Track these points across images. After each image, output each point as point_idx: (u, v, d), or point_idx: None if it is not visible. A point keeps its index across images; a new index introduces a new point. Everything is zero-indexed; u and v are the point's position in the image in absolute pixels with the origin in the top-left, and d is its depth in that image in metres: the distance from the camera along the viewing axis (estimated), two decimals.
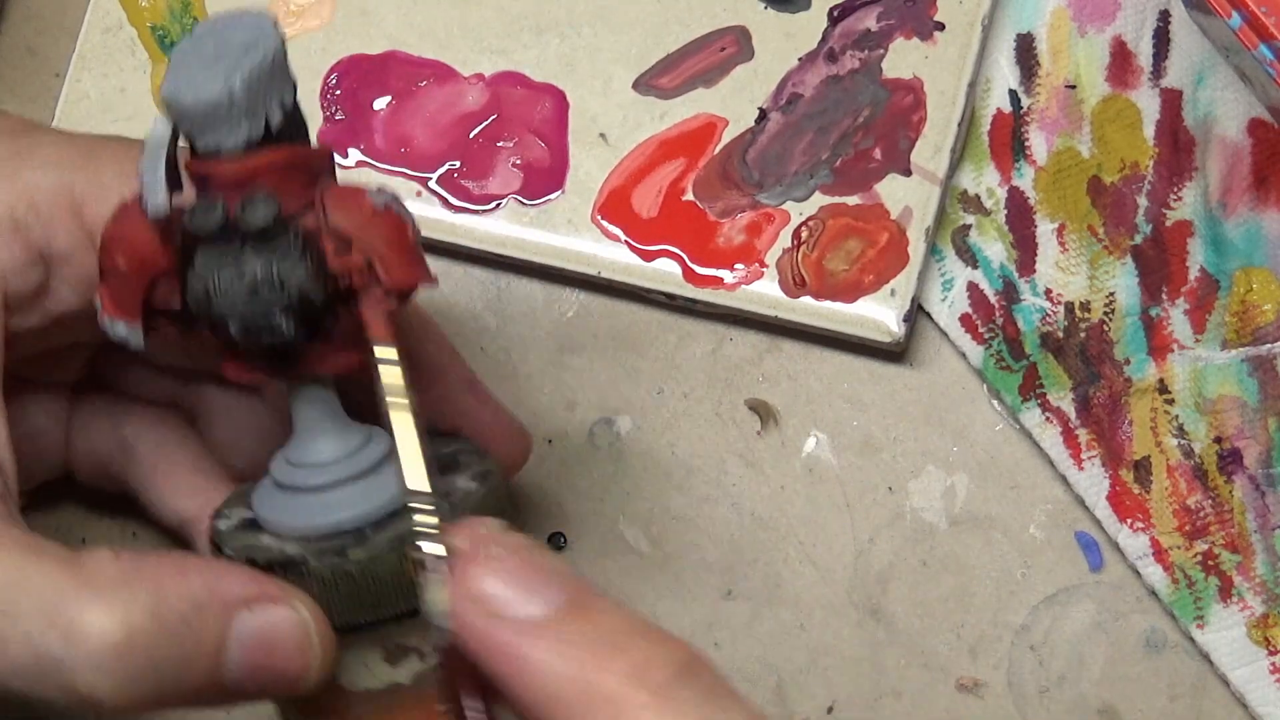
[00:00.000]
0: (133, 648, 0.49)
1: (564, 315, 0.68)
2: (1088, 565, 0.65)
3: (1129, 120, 0.67)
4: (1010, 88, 0.67)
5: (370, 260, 0.50)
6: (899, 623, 0.66)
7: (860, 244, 0.66)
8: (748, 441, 0.67)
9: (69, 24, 0.71)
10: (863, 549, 0.66)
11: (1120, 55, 0.67)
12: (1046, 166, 0.67)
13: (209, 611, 0.50)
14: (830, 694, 0.66)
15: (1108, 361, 0.66)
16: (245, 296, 0.50)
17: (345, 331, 0.52)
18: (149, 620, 0.49)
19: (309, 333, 0.51)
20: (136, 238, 0.51)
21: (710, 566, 0.66)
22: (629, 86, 0.68)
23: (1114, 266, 0.66)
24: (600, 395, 0.67)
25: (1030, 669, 0.65)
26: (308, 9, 0.69)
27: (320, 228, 0.50)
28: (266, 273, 0.50)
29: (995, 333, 0.66)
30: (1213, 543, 0.64)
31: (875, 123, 0.67)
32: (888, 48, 0.67)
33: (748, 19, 0.68)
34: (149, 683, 0.49)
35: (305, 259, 0.50)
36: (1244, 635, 0.64)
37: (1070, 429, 0.65)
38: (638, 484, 0.67)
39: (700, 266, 0.66)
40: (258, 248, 0.50)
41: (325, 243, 0.50)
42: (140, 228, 0.51)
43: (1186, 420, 0.65)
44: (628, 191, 0.67)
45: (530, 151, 0.68)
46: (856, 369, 0.67)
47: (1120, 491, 0.65)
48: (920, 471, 0.66)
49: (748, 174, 0.67)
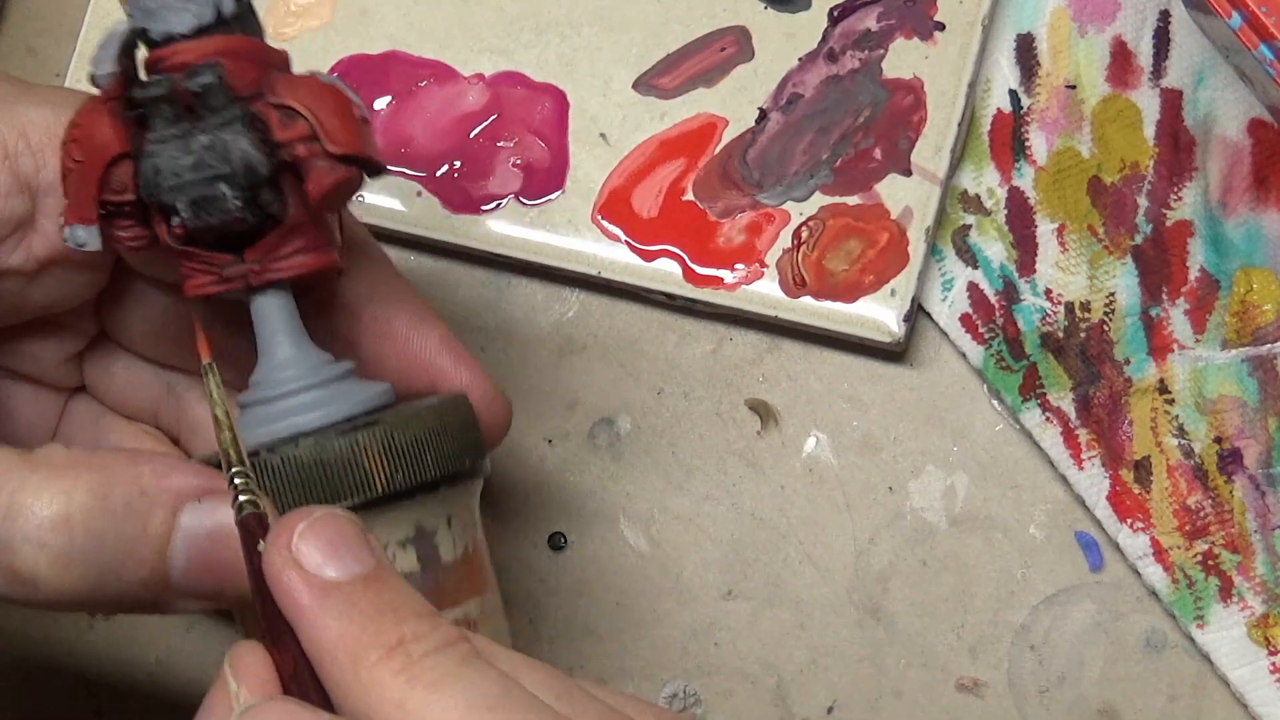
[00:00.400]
0: (72, 524, 0.49)
1: (564, 315, 0.68)
2: (1088, 565, 0.65)
3: (1129, 120, 0.67)
4: (1010, 88, 0.67)
5: (314, 128, 0.51)
6: (899, 623, 0.66)
7: (860, 244, 0.66)
8: (748, 441, 0.67)
9: (69, 24, 0.71)
10: (863, 549, 0.66)
11: (1120, 55, 0.67)
12: (1046, 166, 0.67)
13: (156, 499, 0.50)
14: (830, 694, 0.66)
15: (1108, 361, 0.66)
16: (190, 170, 0.51)
17: (299, 227, 0.52)
18: (92, 499, 0.49)
19: (259, 213, 0.52)
20: (93, 125, 0.52)
21: (710, 566, 0.66)
22: (629, 86, 0.68)
23: (1114, 266, 0.66)
24: (600, 395, 0.67)
25: (1030, 669, 0.65)
26: (308, 9, 0.69)
27: (266, 107, 0.52)
28: (210, 142, 0.51)
29: (995, 333, 0.66)
30: (1213, 543, 0.64)
31: (875, 123, 0.67)
32: (888, 48, 0.67)
33: (748, 19, 0.68)
34: (90, 566, 0.49)
35: (249, 130, 0.51)
36: (1244, 635, 0.64)
37: (1070, 429, 0.65)
38: (638, 484, 0.67)
39: (700, 266, 0.66)
40: (204, 126, 0.51)
41: (270, 115, 0.52)
42: (98, 117, 0.52)
43: (1186, 420, 0.65)
44: (628, 191, 0.67)
45: (530, 151, 0.68)
46: (856, 369, 0.67)
47: (1120, 491, 0.65)
48: (920, 471, 0.66)
49: (748, 174, 0.67)
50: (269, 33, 0.69)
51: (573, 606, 0.67)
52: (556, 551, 0.67)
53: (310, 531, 0.47)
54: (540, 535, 0.67)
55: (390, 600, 0.46)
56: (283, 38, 0.69)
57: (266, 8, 0.69)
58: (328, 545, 0.46)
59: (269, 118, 0.52)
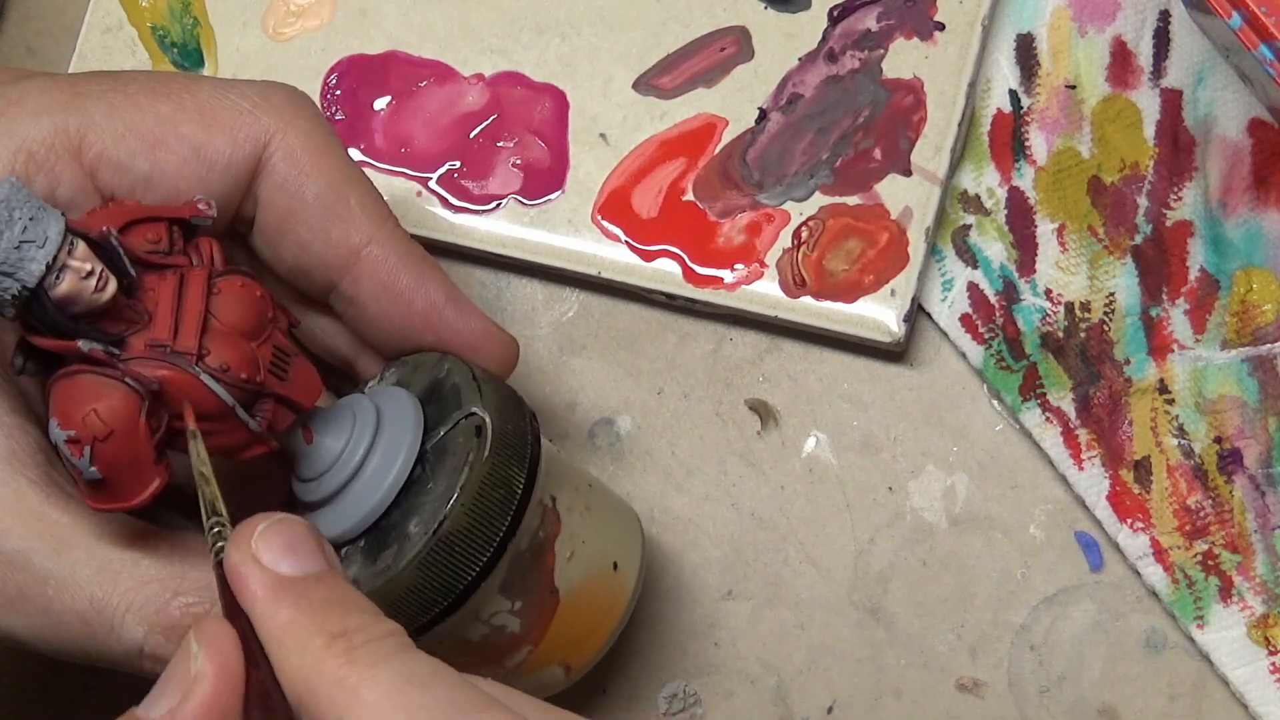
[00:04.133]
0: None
1: (564, 315, 0.68)
2: (1088, 565, 0.65)
3: (1129, 120, 0.67)
4: (1010, 88, 0.67)
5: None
6: (899, 623, 0.66)
7: (860, 244, 0.66)
8: (748, 441, 0.67)
9: (69, 24, 0.71)
10: (863, 549, 0.66)
11: (1120, 55, 0.67)
12: (1046, 166, 0.67)
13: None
14: (830, 694, 0.66)
15: (1108, 361, 0.66)
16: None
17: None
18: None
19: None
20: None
21: (710, 566, 0.66)
22: (629, 86, 0.68)
23: (1114, 266, 0.66)
24: (600, 395, 0.67)
25: (1030, 669, 0.65)
26: (308, 9, 0.69)
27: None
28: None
29: (995, 333, 0.66)
30: (1213, 543, 0.64)
31: (875, 123, 0.67)
32: (888, 48, 0.67)
33: (748, 19, 0.68)
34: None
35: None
36: (1244, 635, 0.64)
37: (1070, 429, 0.65)
38: (638, 484, 0.67)
39: (700, 266, 0.66)
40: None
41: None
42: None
43: (1186, 420, 0.65)
44: (628, 191, 0.67)
45: (530, 151, 0.68)
46: (856, 369, 0.67)
47: (1120, 491, 0.65)
48: (920, 471, 0.66)
49: (748, 174, 0.67)
50: (269, 33, 0.69)
51: None
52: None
53: (270, 532, 0.49)
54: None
55: (338, 596, 0.49)
56: (282, 38, 0.69)
57: (266, 7, 0.69)
58: (284, 544, 0.49)
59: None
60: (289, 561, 0.49)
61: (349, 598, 0.49)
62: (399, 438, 0.56)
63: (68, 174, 0.55)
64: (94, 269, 0.51)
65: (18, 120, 0.55)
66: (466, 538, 0.54)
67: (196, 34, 0.69)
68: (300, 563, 0.49)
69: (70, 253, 0.51)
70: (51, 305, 0.51)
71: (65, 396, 0.51)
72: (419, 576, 0.54)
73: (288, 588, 0.48)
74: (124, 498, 0.52)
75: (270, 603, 0.48)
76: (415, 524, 0.54)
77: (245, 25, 0.69)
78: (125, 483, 0.52)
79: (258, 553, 0.49)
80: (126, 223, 0.53)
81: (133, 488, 0.52)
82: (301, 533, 0.50)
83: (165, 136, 0.56)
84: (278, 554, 0.49)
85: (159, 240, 0.53)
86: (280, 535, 0.49)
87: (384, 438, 0.56)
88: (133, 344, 0.52)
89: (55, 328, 0.51)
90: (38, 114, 0.55)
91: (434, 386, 0.57)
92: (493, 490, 0.55)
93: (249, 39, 0.69)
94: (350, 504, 0.55)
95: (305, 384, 0.55)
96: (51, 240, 0.50)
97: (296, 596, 0.48)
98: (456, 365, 0.58)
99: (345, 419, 0.56)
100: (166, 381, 0.52)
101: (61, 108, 0.55)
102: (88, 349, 0.51)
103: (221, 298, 0.53)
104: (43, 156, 0.55)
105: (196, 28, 0.69)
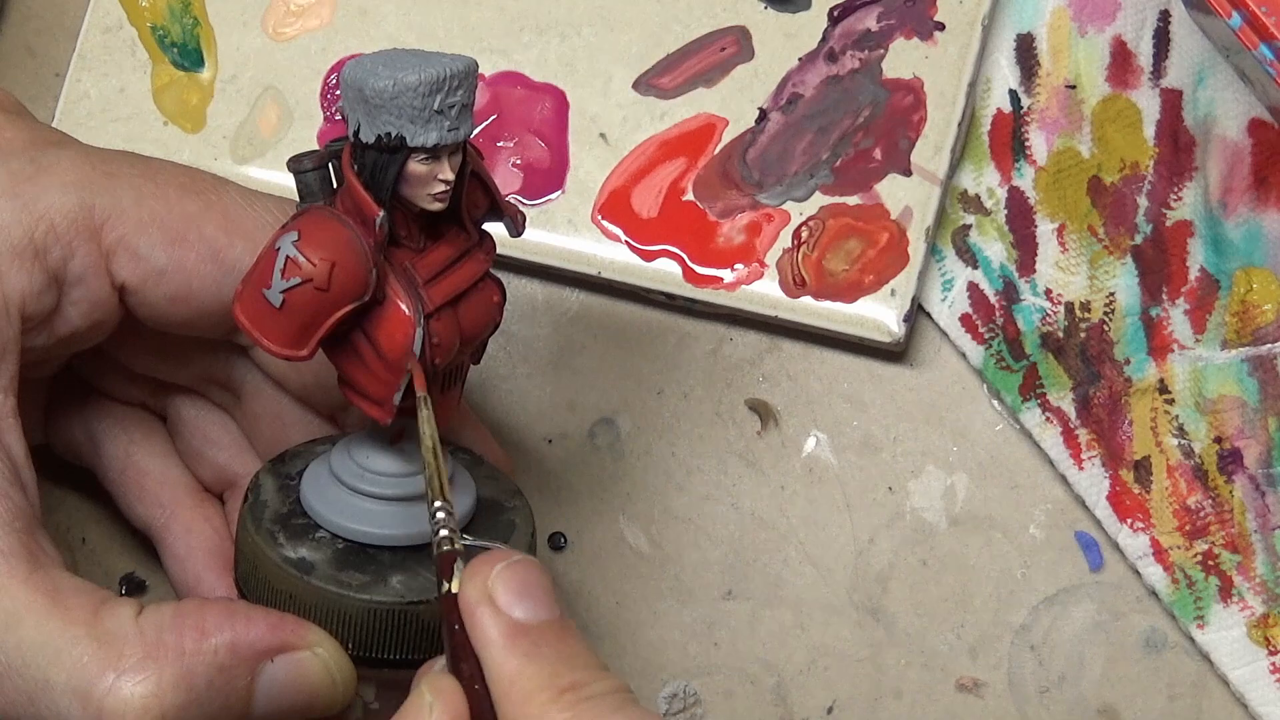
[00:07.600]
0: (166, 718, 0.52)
1: (564, 315, 0.68)
2: (1088, 565, 0.65)
3: (1129, 120, 0.67)
4: (1010, 88, 0.67)
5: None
6: (899, 623, 0.66)
7: (860, 244, 0.66)
8: (748, 441, 0.67)
9: (69, 24, 0.71)
10: (863, 549, 0.66)
11: (1120, 55, 0.67)
12: (1046, 166, 0.67)
13: (235, 671, 0.53)
14: (830, 694, 0.66)
15: (1108, 361, 0.66)
16: None
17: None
18: (179, 693, 0.52)
19: None
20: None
21: (710, 566, 0.66)
22: (629, 86, 0.68)
23: (1114, 266, 0.66)
24: (600, 395, 0.67)
25: (1030, 669, 0.65)
26: (308, 9, 0.69)
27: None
28: None
29: (995, 333, 0.66)
30: (1213, 543, 0.64)
31: (875, 123, 0.67)
32: (888, 48, 0.67)
33: (748, 19, 0.68)
34: None
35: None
36: (1244, 635, 0.64)
37: (1070, 429, 0.65)
38: (638, 484, 0.67)
39: (700, 266, 0.66)
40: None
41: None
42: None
43: (1186, 420, 0.65)
44: (628, 191, 0.67)
45: (530, 151, 0.68)
46: (856, 369, 0.67)
47: (1120, 491, 0.65)
48: (920, 471, 0.66)
49: (748, 174, 0.67)
50: (269, 33, 0.69)
51: (572, 606, 0.67)
52: (556, 551, 0.67)
53: (507, 573, 0.50)
54: (540, 535, 0.67)
55: (570, 650, 0.49)
56: (283, 38, 0.69)
57: (266, 7, 0.69)
58: (520, 588, 0.50)
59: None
60: (523, 606, 0.49)
61: (577, 651, 0.49)
62: (462, 500, 0.57)
63: (83, 251, 0.55)
64: (451, 183, 0.52)
65: (47, 189, 0.55)
66: (399, 631, 0.55)
67: (196, 34, 0.69)
68: (534, 610, 0.49)
69: (452, 155, 0.51)
70: (395, 167, 0.51)
71: (328, 232, 0.52)
72: (362, 613, 0.55)
73: (522, 636, 0.49)
74: (271, 336, 0.53)
75: (503, 649, 0.49)
76: (399, 580, 0.55)
77: (245, 25, 0.69)
78: (282, 328, 0.52)
79: (494, 593, 0.49)
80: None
81: (283, 335, 0.52)
82: (538, 578, 0.50)
83: (187, 234, 0.56)
84: (513, 598, 0.49)
85: (480, 208, 0.55)
86: (517, 578, 0.50)
87: (457, 492, 0.57)
88: (397, 256, 0.53)
89: (373, 184, 0.52)
90: (65, 186, 0.55)
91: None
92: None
93: (249, 39, 0.69)
94: (389, 515, 0.56)
95: (444, 410, 0.55)
96: (463, 134, 0.51)
97: (529, 645, 0.49)
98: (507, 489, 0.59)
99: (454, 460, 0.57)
100: (392, 304, 0.53)
101: (90, 185, 0.55)
102: (381, 220, 0.52)
103: (476, 294, 0.54)
104: (63, 229, 0.55)
105: (196, 28, 0.70)
